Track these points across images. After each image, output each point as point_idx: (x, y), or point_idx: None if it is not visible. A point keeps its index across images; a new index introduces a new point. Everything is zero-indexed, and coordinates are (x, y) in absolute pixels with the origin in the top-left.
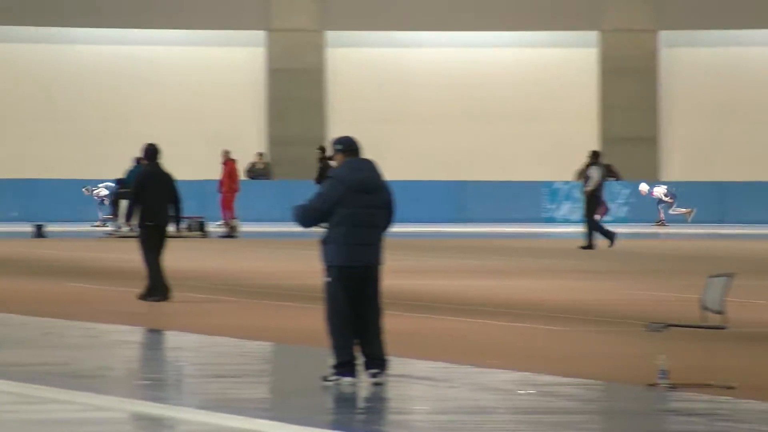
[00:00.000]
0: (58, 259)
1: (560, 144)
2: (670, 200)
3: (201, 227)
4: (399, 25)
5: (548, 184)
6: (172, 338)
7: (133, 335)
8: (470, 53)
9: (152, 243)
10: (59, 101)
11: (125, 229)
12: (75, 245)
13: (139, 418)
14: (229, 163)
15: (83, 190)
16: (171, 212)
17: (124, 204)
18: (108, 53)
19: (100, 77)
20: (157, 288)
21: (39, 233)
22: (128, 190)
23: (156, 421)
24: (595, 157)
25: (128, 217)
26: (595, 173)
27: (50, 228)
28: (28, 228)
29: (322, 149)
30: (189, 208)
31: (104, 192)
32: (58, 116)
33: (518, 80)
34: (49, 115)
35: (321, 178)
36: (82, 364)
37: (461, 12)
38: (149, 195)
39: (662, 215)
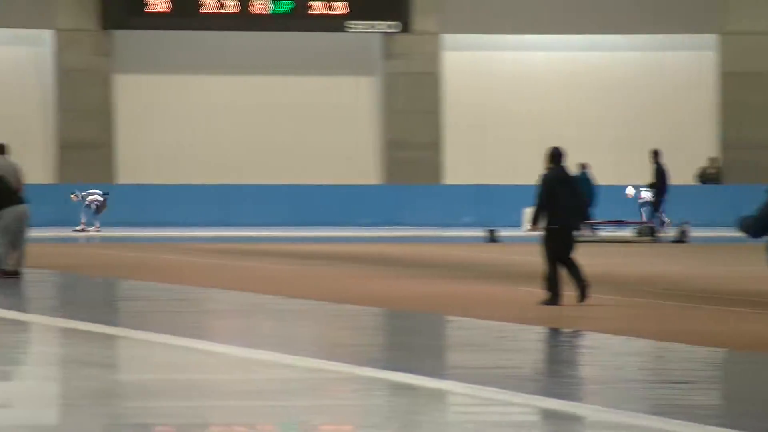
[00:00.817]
0: (509, 264)
1: None
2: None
3: (651, 232)
4: None
5: None
6: (618, 343)
7: (579, 339)
8: None
9: (556, 247)
10: (505, 108)
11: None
12: (526, 249)
13: (588, 424)
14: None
15: (71, 195)
16: (578, 216)
17: (529, 209)
18: (552, 59)
19: (541, 83)
20: (554, 291)
21: (492, 238)
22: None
23: (606, 426)
24: None
25: (535, 220)
26: None
27: (503, 233)
28: (481, 233)
29: (656, 153)
30: (631, 214)
31: (96, 197)
32: (502, 122)
33: None
34: (499, 121)
35: (657, 182)
36: (532, 367)
37: None
38: (557, 199)
39: (644, 217)
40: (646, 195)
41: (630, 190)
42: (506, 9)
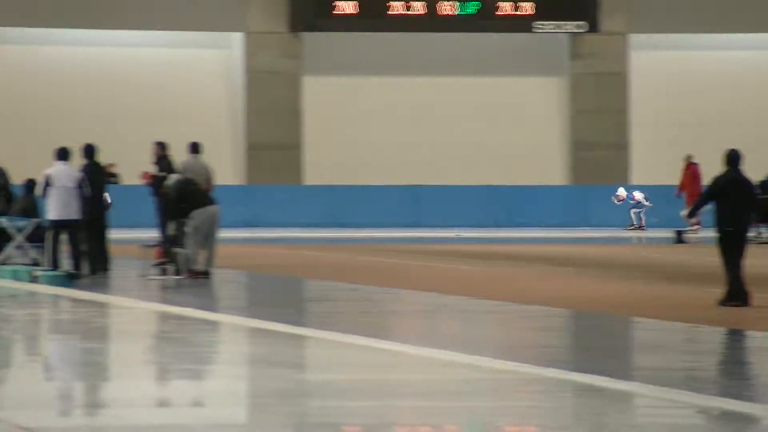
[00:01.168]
0: (695, 265)
1: None
2: (650, 204)
3: None
4: None
5: None
6: None
7: (765, 341)
8: None
9: (731, 249)
10: (693, 107)
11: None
12: (713, 251)
13: None
14: (691, 166)
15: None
16: (750, 218)
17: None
18: (740, 58)
19: (730, 82)
20: (737, 293)
21: (679, 239)
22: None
23: None
24: None
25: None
26: None
27: (690, 234)
28: (668, 233)
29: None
30: None
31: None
32: (689, 121)
33: None
34: (687, 121)
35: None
36: (718, 368)
37: None
38: (729, 200)
39: (641, 220)
40: (639, 196)
41: (621, 192)
42: (694, 8)
